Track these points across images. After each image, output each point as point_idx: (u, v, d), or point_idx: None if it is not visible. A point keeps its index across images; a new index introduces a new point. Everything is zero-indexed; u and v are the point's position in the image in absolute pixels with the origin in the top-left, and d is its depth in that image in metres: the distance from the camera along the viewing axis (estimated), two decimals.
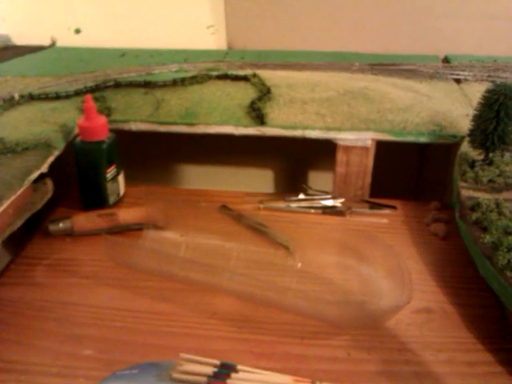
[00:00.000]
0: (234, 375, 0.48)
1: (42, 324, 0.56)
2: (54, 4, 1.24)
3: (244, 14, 1.19)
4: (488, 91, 0.65)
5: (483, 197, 0.62)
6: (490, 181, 0.65)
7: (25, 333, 0.55)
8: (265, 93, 0.87)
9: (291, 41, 1.20)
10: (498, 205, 0.59)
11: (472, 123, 0.69)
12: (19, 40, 1.29)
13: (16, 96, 0.87)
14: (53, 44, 1.28)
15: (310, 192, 0.80)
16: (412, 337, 0.54)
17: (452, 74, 1.02)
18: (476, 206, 0.60)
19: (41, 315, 0.58)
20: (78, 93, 0.90)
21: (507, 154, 0.69)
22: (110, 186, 0.75)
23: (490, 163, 0.68)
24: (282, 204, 0.78)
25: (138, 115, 0.84)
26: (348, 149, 0.79)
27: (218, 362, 0.49)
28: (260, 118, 0.80)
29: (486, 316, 0.57)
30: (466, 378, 0.50)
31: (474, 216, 0.59)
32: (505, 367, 0.51)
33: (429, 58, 1.12)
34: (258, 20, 1.19)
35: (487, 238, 0.55)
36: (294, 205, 0.78)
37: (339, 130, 0.79)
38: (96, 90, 0.91)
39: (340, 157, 0.80)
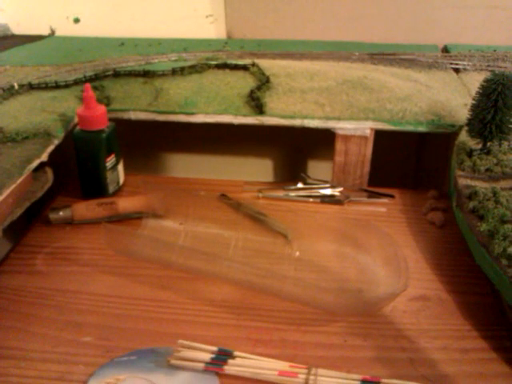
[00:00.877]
0: (231, 361, 0.48)
1: (42, 311, 0.57)
2: None
3: (243, 3, 1.19)
4: (486, 81, 0.65)
5: (480, 185, 0.62)
6: (488, 170, 0.65)
7: (25, 320, 0.56)
8: (264, 82, 0.87)
9: (291, 30, 1.20)
10: (494, 193, 0.59)
11: (470, 113, 0.69)
12: (18, 29, 1.29)
13: (15, 85, 0.87)
14: (52, 33, 1.28)
15: (309, 181, 0.80)
16: (408, 324, 0.55)
17: (451, 64, 1.01)
18: (473, 194, 0.60)
19: (41, 302, 0.58)
20: (77, 82, 0.90)
21: (505, 143, 0.69)
22: (109, 175, 0.76)
23: (488, 152, 0.68)
24: (280, 193, 0.79)
25: (137, 104, 0.84)
26: (347, 138, 0.80)
27: (215, 348, 0.50)
28: (259, 108, 0.80)
29: (481, 304, 0.58)
30: (461, 364, 0.50)
31: (471, 204, 0.59)
32: (499, 354, 0.51)
33: (428, 47, 1.12)
34: (257, 9, 1.19)
35: (483, 227, 0.55)
36: (292, 194, 0.78)
37: (338, 119, 0.79)
38: (95, 79, 0.91)
39: (339, 146, 0.81)
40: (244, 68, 0.95)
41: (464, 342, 0.53)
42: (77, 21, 1.25)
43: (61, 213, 0.71)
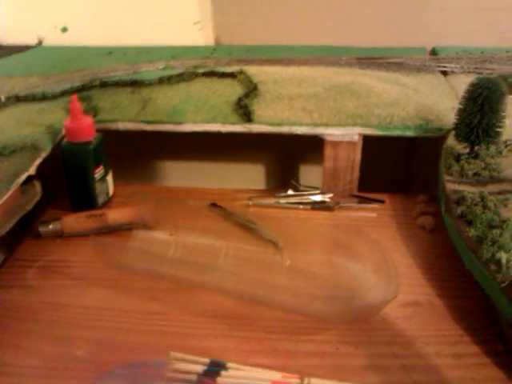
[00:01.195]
0: (223, 373, 0.48)
1: (34, 326, 0.57)
2: (40, 3, 1.23)
3: (231, 10, 1.19)
4: (472, 85, 0.66)
5: (468, 190, 0.62)
6: (476, 174, 0.66)
7: (17, 335, 0.55)
8: (252, 89, 0.87)
9: (279, 35, 1.20)
10: (482, 198, 0.59)
11: (457, 117, 0.69)
12: (5, 40, 1.28)
13: (2, 98, 0.87)
14: (39, 43, 1.27)
15: (299, 188, 0.80)
16: (400, 330, 0.55)
17: (439, 67, 1.02)
18: (461, 199, 0.60)
19: (32, 317, 0.58)
20: (64, 93, 0.89)
21: (492, 147, 0.69)
22: (98, 187, 0.75)
23: (476, 156, 0.69)
24: (271, 200, 0.79)
25: (125, 115, 0.84)
26: (335, 144, 0.80)
27: (207, 360, 0.50)
28: (247, 115, 0.80)
29: (473, 308, 0.58)
30: (454, 369, 0.50)
31: (459, 210, 0.59)
32: (492, 358, 0.51)
33: (416, 50, 1.13)
34: (245, 15, 1.19)
35: (472, 232, 0.55)
36: (283, 201, 0.78)
37: (326, 125, 0.79)
38: (82, 89, 0.91)
39: (328, 152, 0.81)
40: (231, 76, 0.95)
41: (456, 347, 0.53)
42: (65, 30, 1.25)
43: (50, 226, 0.71)
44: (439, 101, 0.86)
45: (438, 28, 1.16)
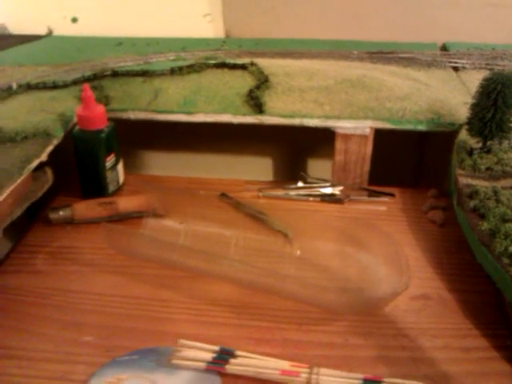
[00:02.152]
0: (232, 360, 0.48)
1: (43, 311, 0.57)
2: None
3: (241, 2, 1.19)
4: (485, 80, 0.65)
5: (481, 184, 0.62)
6: (488, 168, 0.65)
7: (25, 320, 0.56)
8: (263, 81, 0.87)
9: (289, 29, 1.20)
10: (495, 192, 0.59)
11: (470, 111, 0.69)
12: (15, 29, 1.28)
13: (14, 85, 0.87)
14: (49, 33, 1.27)
15: (309, 180, 0.80)
16: (409, 323, 0.55)
17: (450, 62, 1.02)
18: (474, 193, 0.60)
19: (41, 302, 0.58)
20: (75, 82, 0.89)
21: (505, 142, 0.69)
22: (109, 175, 0.76)
23: (488, 151, 0.68)
24: (280, 192, 0.79)
25: (137, 104, 0.84)
26: (347, 137, 0.80)
27: (216, 348, 0.50)
28: (258, 107, 0.80)
29: (482, 302, 0.58)
30: (463, 363, 0.50)
31: (472, 203, 0.59)
32: (500, 352, 0.51)
33: (427, 45, 1.12)
34: (255, 8, 1.19)
35: (485, 225, 0.55)
36: (292, 193, 0.78)
37: (338, 118, 0.79)
38: (94, 79, 0.91)
39: (339, 145, 0.81)
40: (243, 67, 0.94)
41: (465, 340, 0.53)
42: (74, 20, 1.25)
43: (61, 212, 0.71)
44: (450, 96, 0.85)
45: (448, 24, 1.15)
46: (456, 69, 0.99)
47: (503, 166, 0.65)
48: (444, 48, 1.13)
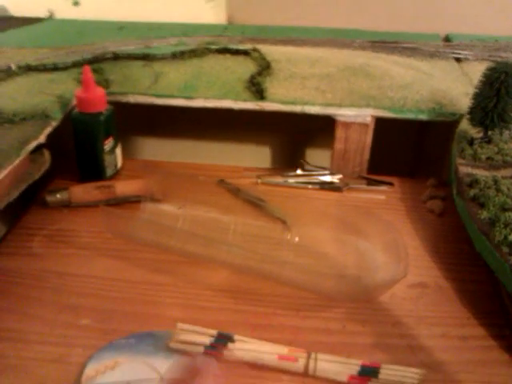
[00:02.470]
0: (230, 345, 0.48)
1: (40, 294, 0.57)
2: None
3: None
4: (489, 69, 0.65)
5: (481, 174, 0.62)
6: (489, 158, 0.65)
7: (22, 302, 0.55)
8: (265, 67, 0.86)
9: (292, 16, 1.19)
10: (495, 182, 0.59)
11: (472, 101, 0.68)
12: (16, 11, 1.28)
13: (13, 67, 0.86)
14: (50, 16, 1.26)
15: (308, 167, 0.80)
16: (407, 311, 0.55)
17: (453, 53, 1.01)
18: (474, 182, 0.60)
19: (38, 285, 0.58)
20: (75, 64, 0.89)
21: (506, 132, 0.69)
22: (107, 158, 0.75)
23: (489, 141, 0.68)
24: (279, 179, 0.78)
25: (137, 88, 0.83)
26: (347, 125, 0.79)
27: (214, 332, 0.50)
28: (259, 93, 0.80)
29: (479, 291, 0.58)
30: (460, 351, 0.50)
31: (472, 192, 0.59)
32: (498, 341, 0.51)
33: (430, 36, 1.12)
34: None
35: (484, 214, 0.55)
36: (291, 180, 0.78)
37: (339, 105, 0.78)
38: (94, 61, 0.90)
39: (339, 133, 0.80)
40: (245, 53, 0.94)
41: (463, 329, 0.53)
42: (76, 3, 1.24)
43: (58, 195, 0.70)
44: (452, 86, 0.85)
45: (451, 15, 1.15)
46: (459, 60, 0.99)
47: (503, 156, 0.65)
48: (447, 39, 1.13)
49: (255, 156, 1.08)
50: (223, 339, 0.49)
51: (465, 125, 0.72)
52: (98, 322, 0.53)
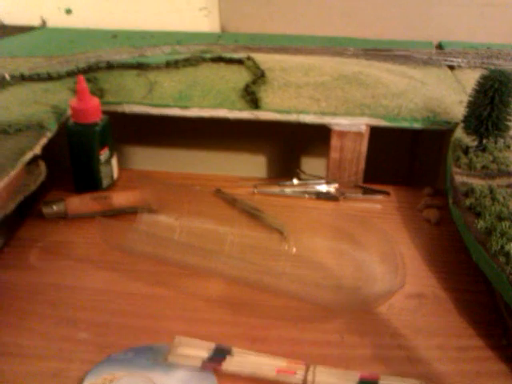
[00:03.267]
0: (228, 358, 0.48)
1: (36, 307, 0.56)
2: None
3: None
4: (483, 77, 0.65)
5: (477, 183, 0.62)
6: (484, 167, 0.65)
7: (19, 315, 0.55)
8: (259, 76, 0.86)
9: (285, 25, 1.20)
10: (491, 191, 0.59)
11: (466, 109, 0.69)
12: (9, 20, 1.27)
13: (7, 76, 0.86)
14: (43, 24, 1.26)
15: (304, 177, 0.80)
16: (404, 321, 0.55)
17: (446, 61, 1.02)
18: (470, 191, 0.60)
19: (35, 298, 0.57)
20: (69, 74, 0.89)
21: (501, 141, 0.69)
22: (103, 169, 0.75)
23: (484, 149, 0.68)
24: (276, 189, 0.78)
25: (131, 97, 0.83)
26: (342, 134, 0.79)
27: (212, 345, 0.49)
28: (254, 102, 0.80)
29: (477, 301, 0.58)
30: (458, 362, 0.50)
31: (468, 202, 0.59)
32: (496, 352, 0.51)
33: (423, 44, 1.12)
34: (251, 3, 1.18)
35: (481, 224, 0.55)
36: (288, 190, 0.78)
37: (334, 114, 0.78)
38: (88, 71, 0.90)
39: (334, 142, 0.80)
40: (239, 62, 0.94)
41: (461, 339, 0.53)
42: (69, 12, 1.24)
43: (54, 207, 0.70)
44: (446, 94, 0.85)
45: (444, 23, 1.15)
46: (452, 67, 0.99)
47: (499, 165, 0.65)
48: (440, 47, 1.13)
49: (251, 165, 1.08)
50: (221, 352, 0.49)
51: (459, 133, 0.72)
52: (96, 335, 0.53)
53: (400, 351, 0.52)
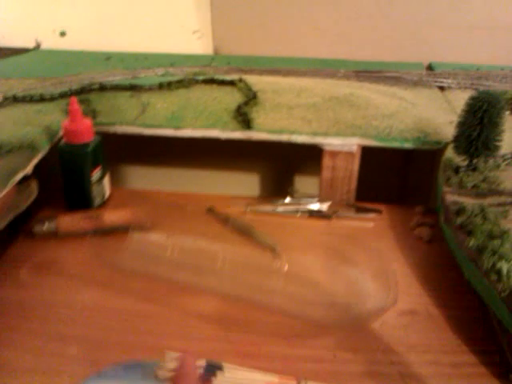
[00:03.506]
0: (219, 373, 0.48)
1: (27, 324, 0.56)
2: (39, 6, 1.23)
3: (230, 20, 1.20)
4: (472, 98, 0.66)
5: (468, 202, 0.62)
6: (474, 186, 0.66)
7: (8, 332, 0.55)
8: (251, 97, 0.87)
9: (277, 47, 1.21)
10: (482, 209, 0.59)
11: (456, 130, 0.69)
12: (3, 42, 1.28)
13: (0, 98, 0.86)
14: (37, 46, 1.27)
15: (297, 195, 0.80)
16: (397, 338, 0.55)
17: (436, 82, 1.03)
18: (461, 210, 0.60)
19: (25, 315, 0.57)
20: (62, 95, 0.89)
21: (491, 160, 0.70)
22: (95, 188, 0.75)
23: (474, 169, 0.69)
24: (268, 207, 0.78)
25: (124, 118, 0.83)
26: (334, 154, 0.80)
27: (203, 361, 0.49)
28: (246, 123, 0.80)
29: (469, 318, 0.58)
30: (451, 379, 0.50)
31: (459, 220, 0.59)
32: (488, 368, 0.51)
33: (413, 65, 1.14)
34: (244, 25, 1.20)
35: (472, 242, 0.55)
36: (280, 208, 0.78)
37: (325, 135, 0.79)
38: (81, 92, 0.90)
39: (326, 162, 0.81)
40: (231, 83, 0.95)
41: (454, 356, 0.53)
42: (63, 34, 1.25)
43: (45, 225, 0.70)
44: (436, 115, 0.86)
45: (434, 44, 1.17)
46: (442, 88, 1.01)
47: (489, 184, 0.66)
48: (430, 68, 1.15)
49: (244, 184, 1.09)
50: (212, 368, 0.48)
51: (450, 153, 0.73)
52: (86, 351, 0.52)
53: (392, 368, 0.51)
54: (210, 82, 0.96)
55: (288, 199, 0.79)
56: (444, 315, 0.58)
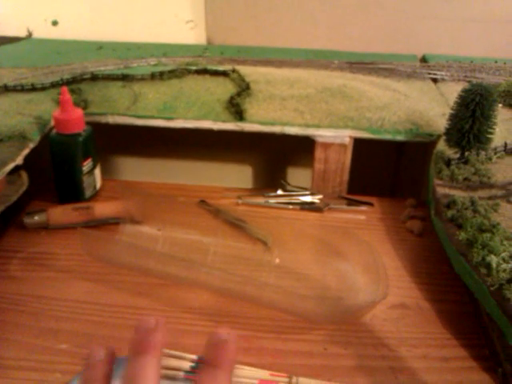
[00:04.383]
0: None
1: (17, 317, 0.56)
2: None
3: (224, 10, 1.19)
4: (464, 91, 0.66)
5: (459, 194, 0.62)
6: (466, 179, 0.66)
7: None
8: (244, 88, 0.86)
9: (271, 38, 1.20)
10: (473, 202, 0.60)
11: (448, 122, 0.69)
12: None
13: None
14: (29, 35, 1.26)
15: (289, 188, 0.80)
16: (388, 332, 0.55)
17: (429, 74, 1.03)
18: (451, 203, 0.61)
19: (15, 309, 0.57)
20: (54, 85, 0.88)
21: (482, 153, 0.70)
22: (86, 180, 0.74)
23: (466, 162, 0.69)
24: (260, 199, 0.78)
25: (115, 108, 0.83)
26: (326, 146, 0.80)
27: (195, 357, 0.49)
28: (239, 114, 0.80)
29: (460, 312, 0.58)
30: (441, 373, 0.51)
31: (450, 213, 0.59)
32: (478, 362, 0.52)
33: (407, 57, 1.13)
34: (237, 16, 1.19)
35: (462, 235, 0.55)
36: (272, 200, 0.78)
37: (318, 126, 0.79)
38: (72, 82, 0.90)
39: (318, 154, 0.81)
40: (224, 74, 0.94)
41: (444, 350, 0.53)
42: (55, 23, 1.23)
43: (36, 217, 0.69)
44: (429, 107, 0.86)
45: (428, 36, 1.16)
46: (435, 80, 1.00)
47: (480, 177, 0.66)
48: (424, 60, 1.14)
49: (236, 176, 1.09)
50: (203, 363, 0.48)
51: (442, 145, 0.73)
52: (77, 346, 0.52)
53: (383, 362, 0.52)
54: (203, 72, 0.96)
55: (280, 191, 0.79)
56: (434, 309, 0.58)
